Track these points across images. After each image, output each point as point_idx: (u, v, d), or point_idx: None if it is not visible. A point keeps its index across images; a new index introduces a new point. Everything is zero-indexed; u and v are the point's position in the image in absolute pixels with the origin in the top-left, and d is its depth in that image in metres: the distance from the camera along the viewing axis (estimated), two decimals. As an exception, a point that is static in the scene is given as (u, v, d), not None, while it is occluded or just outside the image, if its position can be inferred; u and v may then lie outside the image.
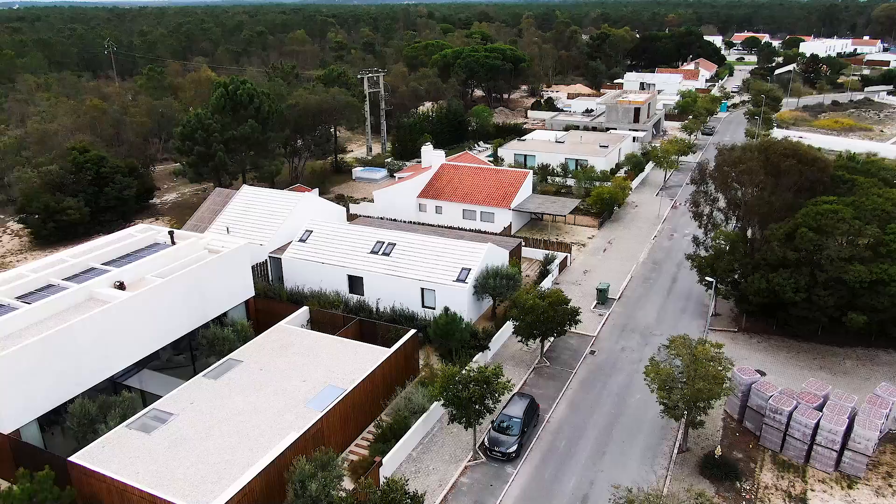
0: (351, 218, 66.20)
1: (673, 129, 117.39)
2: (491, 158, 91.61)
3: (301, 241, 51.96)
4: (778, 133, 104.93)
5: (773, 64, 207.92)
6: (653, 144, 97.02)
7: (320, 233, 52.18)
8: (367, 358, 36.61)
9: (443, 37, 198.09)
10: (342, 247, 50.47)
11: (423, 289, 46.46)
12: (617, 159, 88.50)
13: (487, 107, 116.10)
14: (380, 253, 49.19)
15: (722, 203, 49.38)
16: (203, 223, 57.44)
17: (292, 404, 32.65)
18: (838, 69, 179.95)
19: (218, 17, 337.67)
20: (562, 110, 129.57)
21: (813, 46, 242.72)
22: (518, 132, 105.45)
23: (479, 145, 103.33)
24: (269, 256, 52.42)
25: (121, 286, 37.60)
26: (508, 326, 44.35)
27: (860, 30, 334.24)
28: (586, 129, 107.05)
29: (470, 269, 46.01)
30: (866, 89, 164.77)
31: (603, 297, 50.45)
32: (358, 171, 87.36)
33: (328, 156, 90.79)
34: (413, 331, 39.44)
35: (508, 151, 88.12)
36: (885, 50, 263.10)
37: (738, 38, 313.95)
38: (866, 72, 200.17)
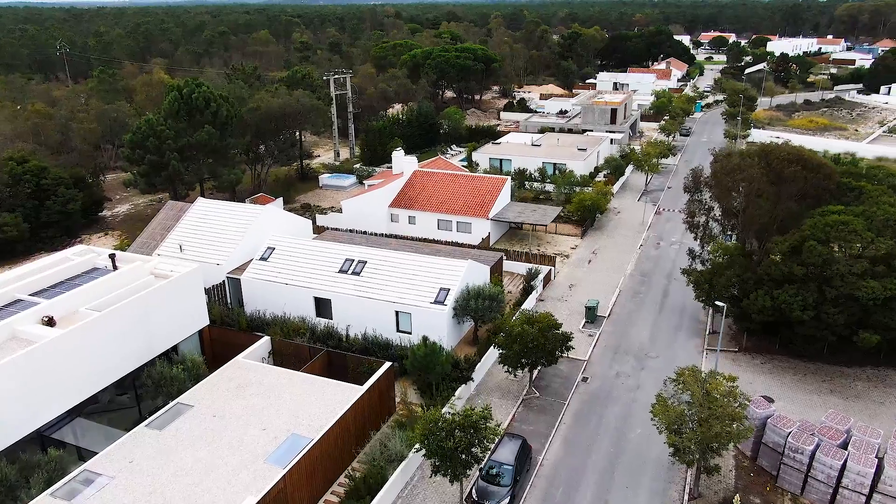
0: (318, 230, 61.61)
1: (649, 130, 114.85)
2: (465, 163, 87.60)
3: (262, 259, 47.29)
4: (756, 134, 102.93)
5: (742, 63, 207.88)
6: (631, 146, 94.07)
7: (283, 250, 47.58)
8: (336, 398, 32.25)
9: (411, 37, 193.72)
10: (308, 265, 45.96)
11: (397, 312, 42.24)
12: (596, 162, 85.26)
13: (459, 108, 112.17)
14: (349, 272, 44.81)
15: (717, 212, 46.12)
16: (154, 240, 52.37)
17: (250, 460, 28.13)
18: (807, 68, 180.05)
19: (179, 17, 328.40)
20: (535, 111, 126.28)
21: (780, 45, 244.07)
22: (492, 135, 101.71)
23: (451, 149, 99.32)
24: (227, 277, 47.66)
25: (50, 322, 32.65)
26: (493, 353, 40.35)
27: (823, 29, 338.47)
28: (562, 130, 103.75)
29: (449, 290, 41.90)
30: (836, 88, 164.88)
31: (592, 316, 46.76)
32: (325, 179, 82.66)
33: (293, 162, 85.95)
34: (388, 364, 35.16)
35: (483, 156, 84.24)
36: (849, 49, 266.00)
37: (705, 37, 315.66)
38: (833, 70, 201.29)
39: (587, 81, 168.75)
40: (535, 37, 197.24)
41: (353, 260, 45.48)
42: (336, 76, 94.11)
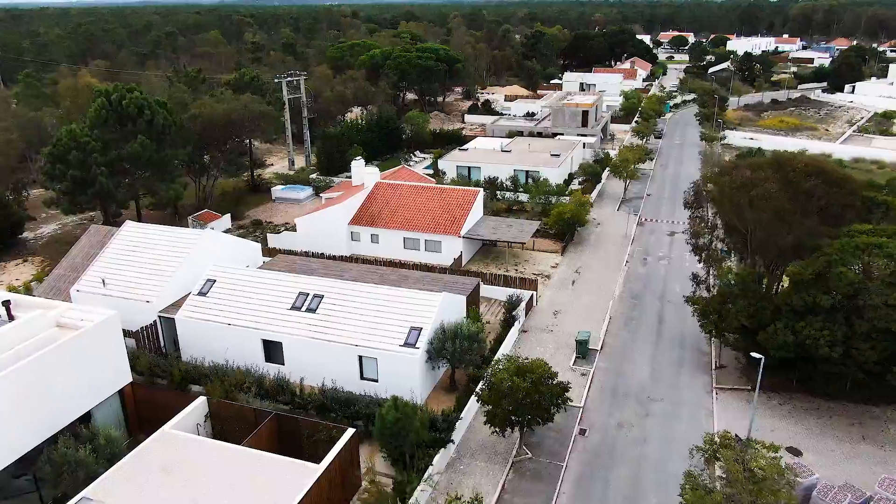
0: (269, 253, 54.78)
1: (620, 132, 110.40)
2: (430, 171, 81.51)
3: (201, 294, 40.41)
4: (731, 135, 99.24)
5: (704, 62, 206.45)
6: (605, 150, 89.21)
7: (227, 282, 40.78)
8: (287, 483, 25.79)
9: (369, 37, 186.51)
10: (255, 301, 39.30)
11: (361, 357, 35.97)
12: (570, 168, 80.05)
13: (422, 112, 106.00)
14: (303, 308, 38.31)
15: (720, 231, 40.96)
16: (75, 272, 44.98)
17: (171, 583, 21.56)
18: (770, 67, 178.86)
19: (126, 17, 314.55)
20: (501, 114, 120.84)
21: (739, 45, 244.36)
22: (458, 140, 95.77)
23: (415, 155, 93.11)
24: (160, 317, 40.65)
25: (-88, 399, 25.45)
26: (475, 403, 34.31)
27: (778, 28, 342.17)
28: (531, 134, 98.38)
29: (421, 330, 35.77)
30: (800, 87, 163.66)
31: (583, 350, 41.13)
32: (278, 191, 75.57)
33: (243, 172, 78.67)
34: (351, 431, 28.81)
35: (450, 163, 78.23)
36: (806, 48, 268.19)
37: (664, 36, 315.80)
38: (794, 69, 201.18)
39: (552, 82, 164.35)
40: (497, 36, 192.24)
41: (307, 294, 38.99)
42: (289, 79, 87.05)
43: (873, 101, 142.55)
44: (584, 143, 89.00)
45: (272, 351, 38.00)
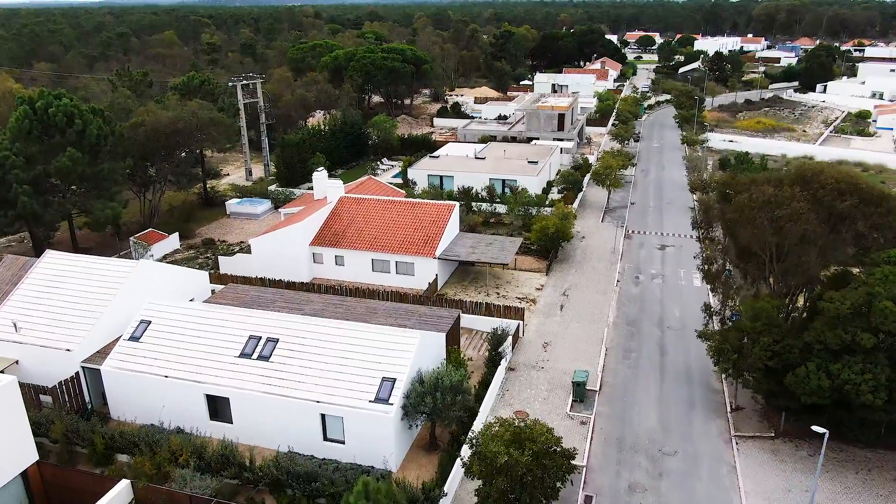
0: (220, 280, 48.57)
1: (596, 135, 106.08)
2: (399, 181, 75.89)
3: (133, 339, 34.18)
4: (711, 137, 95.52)
5: (673, 62, 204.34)
6: (584, 156, 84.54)
7: (164, 323, 34.63)
8: None
9: (332, 37, 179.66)
10: (198, 347, 33.25)
11: (323, 415, 30.21)
12: (549, 176, 75.14)
13: (389, 116, 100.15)
14: (254, 355, 32.42)
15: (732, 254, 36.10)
16: (-15, 311, 38.18)
17: None
18: (740, 67, 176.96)
19: (78, 17, 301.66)
20: (472, 117, 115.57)
21: (706, 44, 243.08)
22: (428, 146, 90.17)
23: (382, 163, 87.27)
24: (83, 367, 34.29)
25: None
26: (459, 470, 28.79)
27: (742, 28, 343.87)
28: (505, 139, 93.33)
29: (395, 381, 30.16)
30: (772, 87, 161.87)
31: (580, 393, 35.93)
32: (233, 205, 69.04)
33: (195, 184, 72.00)
34: (310, 525, 23.10)
35: (420, 172, 72.61)
36: (770, 47, 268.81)
37: (630, 36, 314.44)
38: (762, 69, 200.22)
39: (522, 83, 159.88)
40: (464, 36, 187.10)
41: (259, 337, 33.07)
42: (245, 82, 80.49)
43: (845, 100, 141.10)
44: (560, 148, 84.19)
45: (218, 408, 32.01)
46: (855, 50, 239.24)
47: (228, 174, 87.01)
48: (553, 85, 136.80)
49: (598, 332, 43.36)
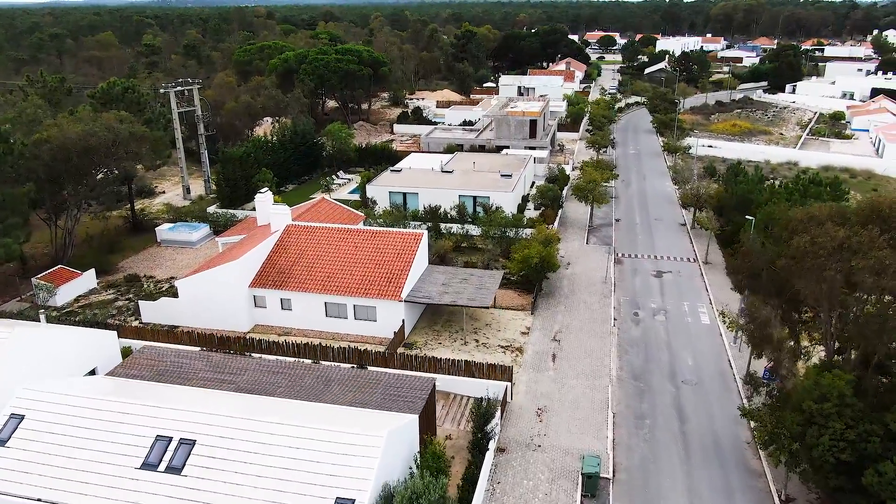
0: (138, 334, 39.67)
1: (568, 141, 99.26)
2: (356, 197, 67.60)
3: (-2, 442, 25.29)
4: (693, 143, 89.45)
5: (638, 62, 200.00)
6: (559, 165, 77.38)
7: (43, 418, 25.86)
8: None
9: (284, 38, 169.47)
10: (86, 452, 24.57)
11: (255, 557, 21.90)
12: (524, 190, 67.73)
13: (345, 124, 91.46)
14: (161, 466, 23.97)
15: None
16: None
17: None
18: (707, 67, 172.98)
19: (13, 18, 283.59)
20: (435, 123, 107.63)
21: (668, 44, 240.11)
22: (388, 157, 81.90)
23: (338, 176, 78.65)
24: (-74, 485, 25.16)
25: None
26: None
27: (700, 28, 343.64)
28: (473, 148, 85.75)
29: (353, 502, 22.03)
30: (741, 87, 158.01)
31: (593, 488, 28.30)
32: (164, 231, 59.70)
33: (120, 206, 62.59)
34: None
35: (380, 189, 64.34)
36: (729, 47, 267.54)
37: (591, 36, 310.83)
38: (726, 69, 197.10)
39: (485, 85, 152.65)
40: (423, 37, 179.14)
41: (168, 439, 24.57)
42: (179, 88, 71.06)
43: (816, 101, 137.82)
44: (534, 158, 76.86)
45: (110, 543, 23.38)
46: (815, 50, 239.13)
47: (164, 192, 77.41)
48: (519, 87, 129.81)
49: (600, 392, 35.86)
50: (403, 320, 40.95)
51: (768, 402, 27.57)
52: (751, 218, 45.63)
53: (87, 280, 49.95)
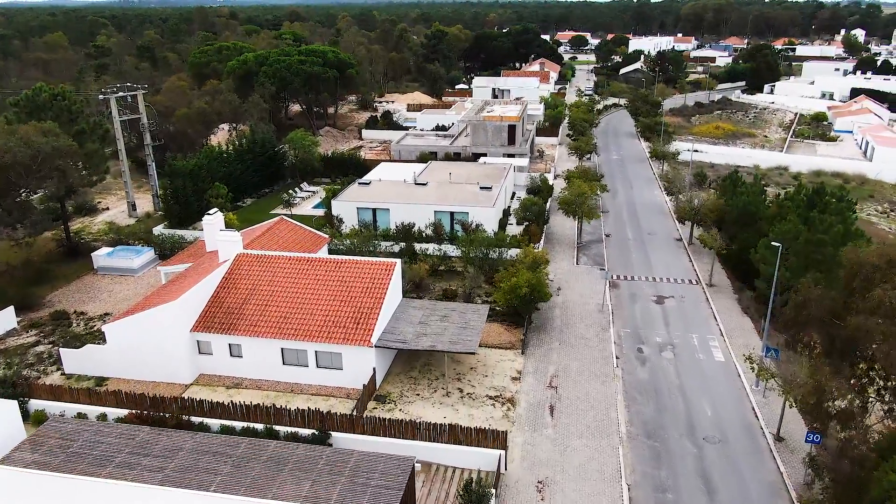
0: (53, 395, 32.95)
1: (547, 146, 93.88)
2: (320, 212, 61.29)
3: None
4: (681, 149, 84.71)
5: (612, 63, 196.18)
6: (541, 174, 71.84)
7: None
8: None
9: (246, 39, 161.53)
10: None
11: None
12: (504, 203, 62.05)
13: (309, 132, 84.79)
14: None
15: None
16: None
17: None
18: (683, 67, 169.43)
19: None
20: (406, 127, 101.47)
21: (639, 44, 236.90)
22: (356, 166, 75.53)
23: (301, 188, 72.06)
24: None
25: None
26: None
27: (670, 28, 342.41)
28: (448, 156, 79.81)
29: None
30: (719, 87, 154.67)
31: None
32: (101, 257, 52.61)
33: (48, 228, 55.41)
34: None
35: (348, 205, 57.97)
36: (700, 47, 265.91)
37: (563, 36, 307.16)
38: (700, 69, 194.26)
39: (457, 87, 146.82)
40: (392, 37, 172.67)
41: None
42: (121, 94, 63.89)
43: (795, 101, 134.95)
44: (514, 167, 71.19)
45: None
46: (787, 49, 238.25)
47: (109, 208, 70.06)
48: (494, 89, 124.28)
49: (610, 455, 30.20)
50: (374, 368, 34.85)
51: (830, 487, 22.13)
52: (765, 237, 40.51)
53: (5, 319, 42.86)
